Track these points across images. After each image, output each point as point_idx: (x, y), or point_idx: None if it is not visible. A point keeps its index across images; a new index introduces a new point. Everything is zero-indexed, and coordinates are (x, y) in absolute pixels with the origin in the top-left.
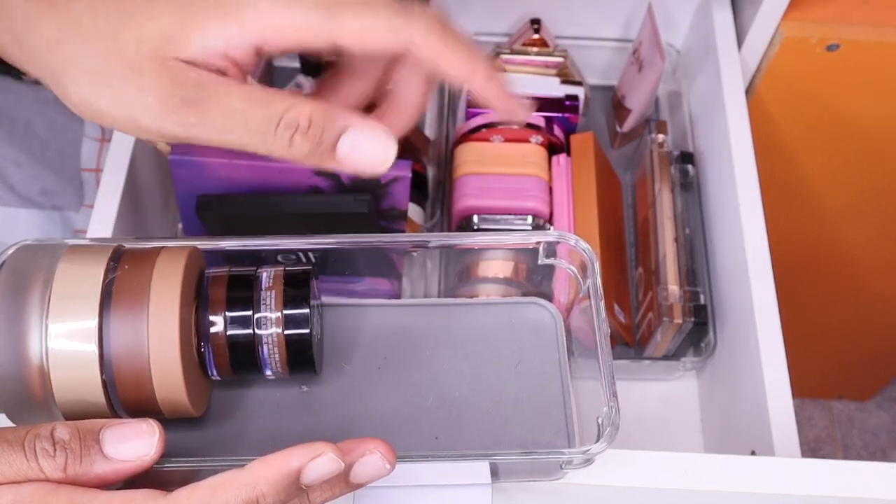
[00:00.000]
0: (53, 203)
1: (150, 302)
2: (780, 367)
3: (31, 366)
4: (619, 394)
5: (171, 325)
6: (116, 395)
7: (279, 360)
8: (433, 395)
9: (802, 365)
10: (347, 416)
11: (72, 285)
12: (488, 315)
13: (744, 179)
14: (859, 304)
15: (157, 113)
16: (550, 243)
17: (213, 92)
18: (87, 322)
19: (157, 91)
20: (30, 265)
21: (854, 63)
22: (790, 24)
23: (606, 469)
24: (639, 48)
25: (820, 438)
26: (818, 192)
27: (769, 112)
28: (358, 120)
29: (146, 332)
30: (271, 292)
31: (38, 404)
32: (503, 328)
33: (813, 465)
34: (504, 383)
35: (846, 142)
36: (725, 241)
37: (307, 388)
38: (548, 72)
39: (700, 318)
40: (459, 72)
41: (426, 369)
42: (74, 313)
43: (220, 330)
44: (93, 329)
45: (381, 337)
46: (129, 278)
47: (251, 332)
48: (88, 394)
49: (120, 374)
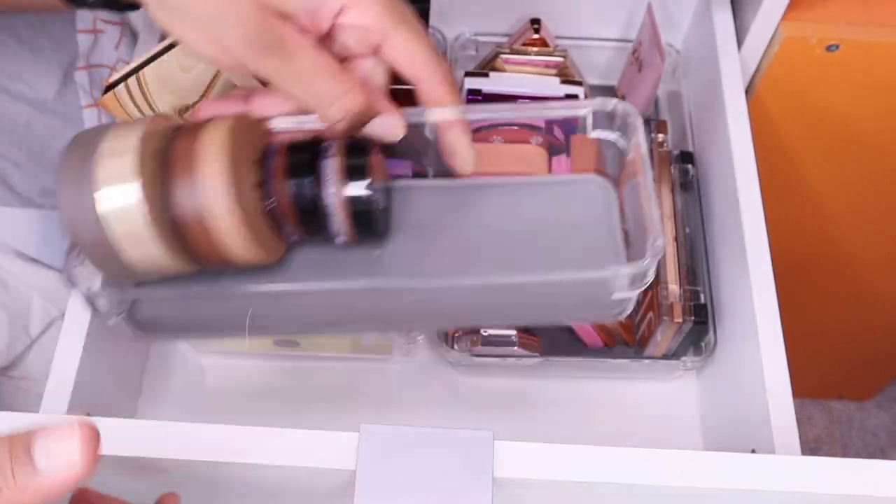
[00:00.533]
0: (53, 203)
1: (199, 166)
2: (781, 366)
3: (93, 224)
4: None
5: (218, 183)
6: (184, 248)
7: (344, 224)
8: (496, 257)
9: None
10: (417, 278)
11: (116, 145)
12: (546, 190)
13: (744, 179)
14: (859, 304)
15: (240, 49)
16: (596, 112)
17: (292, 50)
18: (130, 183)
19: (245, 29)
20: (92, 136)
21: (854, 63)
22: (790, 25)
23: (607, 466)
24: (639, 48)
25: (819, 438)
26: (818, 191)
27: (769, 112)
28: (388, 106)
29: (198, 190)
30: (334, 160)
31: (113, 258)
32: (560, 200)
33: (813, 463)
34: (560, 245)
35: (846, 142)
36: (725, 241)
37: (380, 253)
38: (548, 72)
39: (700, 317)
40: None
41: (489, 239)
42: (117, 172)
43: (283, 191)
44: (135, 189)
45: (446, 209)
46: (180, 140)
47: (313, 195)
48: (147, 247)
49: (181, 228)
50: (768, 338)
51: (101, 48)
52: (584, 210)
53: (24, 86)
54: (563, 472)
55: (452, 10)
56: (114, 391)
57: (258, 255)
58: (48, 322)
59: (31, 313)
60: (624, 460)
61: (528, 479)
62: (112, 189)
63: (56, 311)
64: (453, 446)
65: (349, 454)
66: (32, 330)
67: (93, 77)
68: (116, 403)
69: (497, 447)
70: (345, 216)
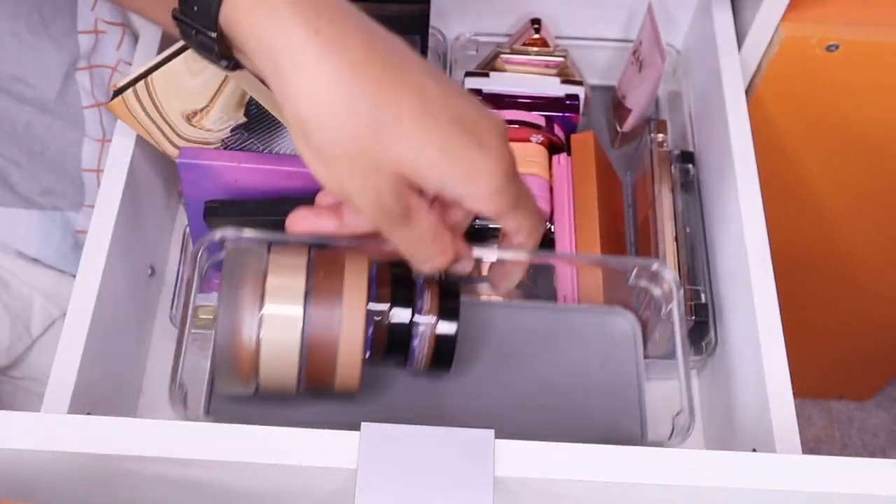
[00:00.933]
0: (54, 203)
1: (344, 300)
2: (781, 366)
3: (244, 346)
4: None
5: (359, 319)
6: (305, 373)
7: (424, 356)
8: (531, 387)
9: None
10: (462, 404)
11: (281, 280)
12: (577, 319)
13: (744, 179)
14: (859, 303)
15: (367, 208)
16: (641, 268)
17: (413, 218)
18: (294, 310)
19: (378, 195)
20: (244, 262)
21: (853, 63)
22: (790, 25)
23: (607, 466)
24: (639, 48)
25: (819, 438)
26: (818, 191)
27: (769, 112)
28: (465, 249)
29: (339, 323)
30: (427, 293)
31: (243, 377)
32: (591, 331)
33: (813, 462)
34: (590, 379)
35: (846, 141)
36: (725, 241)
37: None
38: (548, 71)
39: (701, 316)
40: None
41: (525, 365)
42: (284, 303)
43: (383, 318)
44: (298, 317)
45: (487, 334)
46: (324, 278)
47: (408, 326)
48: (285, 370)
49: (311, 356)
50: (768, 337)
51: (103, 49)
52: (612, 343)
53: (25, 86)
54: (563, 471)
55: (452, 10)
56: (114, 391)
57: (357, 383)
58: (49, 322)
59: (32, 313)
60: (624, 460)
61: (528, 478)
62: (277, 315)
63: (57, 312)
64: (454, 445)
65: (350, 453)
66: (34, 330)
67: (94, 78)
68: (116, 403)
69: (498, 446)
70: (428, 350)
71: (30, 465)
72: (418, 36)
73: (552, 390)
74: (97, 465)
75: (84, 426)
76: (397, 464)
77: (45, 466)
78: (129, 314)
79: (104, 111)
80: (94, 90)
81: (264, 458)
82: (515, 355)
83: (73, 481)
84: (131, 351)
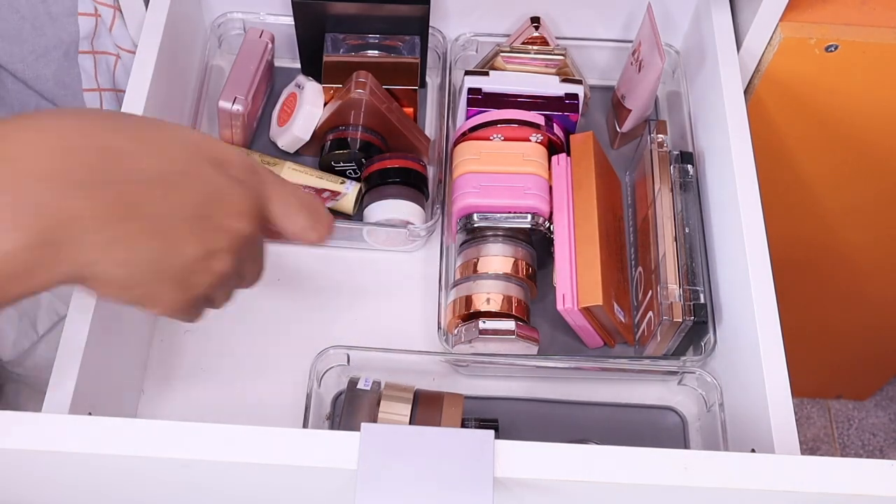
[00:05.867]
0: None
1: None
2: (780, 366)
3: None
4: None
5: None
6: None
7: None
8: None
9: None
10: None
11: (390, 418)
12: (629, 415)
13: (743, 179)
14: (858, 303)
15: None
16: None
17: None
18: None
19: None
20: (358, 401)
21: (852, 64)
22: (789, 25)
23: (607, 466)
24: (638, 48)
25: (818, 437)
26: (816, 191)
27: (768, 112)
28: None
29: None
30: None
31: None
32: (644, 428)
33: (812, 463)
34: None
35: (844, 141)
36: (725, 241)
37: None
38: (548, 70)
39: (700, 316)
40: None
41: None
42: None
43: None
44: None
45: (538, 430)
46: (425, 416)
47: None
48: None
49: None
50: (768, 337)
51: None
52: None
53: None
54: (563, 471)
55: (452, 10)
56: (114, 391)
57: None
58: (56, 319)
59: (39, 310)
60: (624, 460)
61: (528, 478)
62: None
63: (64, 309)
64: (454, 446)
65: (350, 453)
66: (40, 326)
67: (97, 62)
68: (117, 403)
69: (498, 446)
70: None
71: (30, 465)
72: (418, 36)
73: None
74: (97, 465)
75: (84, 426)
76: (397, 464)
77: (46, 466)
78: (129, 314)
79: (104, 94)
80: (97, 74)
81: (264, 459)
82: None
83: (74, 481)
84: (132, 351)
